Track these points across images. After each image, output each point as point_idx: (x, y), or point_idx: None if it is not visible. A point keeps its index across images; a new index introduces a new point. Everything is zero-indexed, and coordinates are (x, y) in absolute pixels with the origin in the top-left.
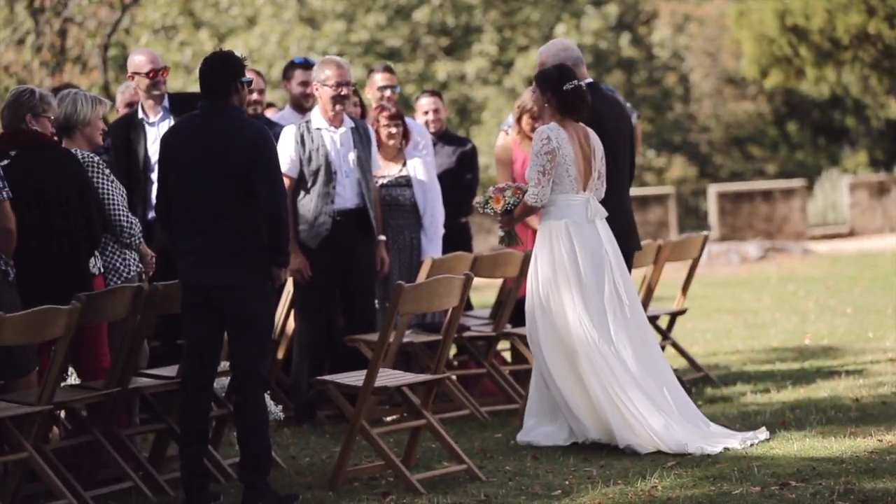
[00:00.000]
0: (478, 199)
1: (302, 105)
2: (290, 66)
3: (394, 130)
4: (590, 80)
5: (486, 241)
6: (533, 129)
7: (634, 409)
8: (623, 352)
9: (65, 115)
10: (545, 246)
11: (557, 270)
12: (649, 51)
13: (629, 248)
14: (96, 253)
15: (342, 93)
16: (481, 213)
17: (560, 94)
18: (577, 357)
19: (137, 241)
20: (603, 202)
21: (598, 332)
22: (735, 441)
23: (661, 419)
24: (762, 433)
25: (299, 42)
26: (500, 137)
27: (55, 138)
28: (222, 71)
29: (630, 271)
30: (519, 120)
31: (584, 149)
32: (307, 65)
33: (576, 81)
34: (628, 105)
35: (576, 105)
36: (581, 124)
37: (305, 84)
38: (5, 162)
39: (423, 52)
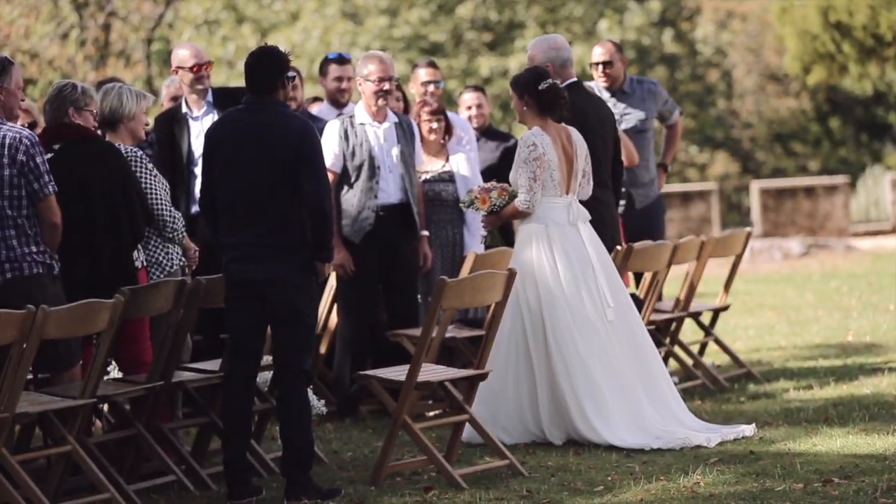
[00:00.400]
0: (463, 198)
1: (338, 100)
2: (325, 62)
3: (435, 125)
4: (574, 79)
5: None
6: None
7: (592, 407)
8: (603, 354)
9: (110, 109)
10: (525, 248)
11: (536, 273)
12: (692, 47)
13: (614, 246)
14: (139, 247)
15: (384, 87)
16: (465, 212)
17: (536, 95)
18: (552, 358)
19: (181, 236)
20: (589, 199)
21: (576, 334)
22: (717, 436)
23: (625, 423)
24: (749, 429)
25: (341, 37)
26: None
27: (98, 132)
28: (269, 65)
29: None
30: None
31: (566, 151)
32: (341, 60)
33: (550, 81)
34: (670, 101)
35: (553, 104)
36: (563, 125)
37: (340, 79)
38: (48, 156)
39: (467, 47)
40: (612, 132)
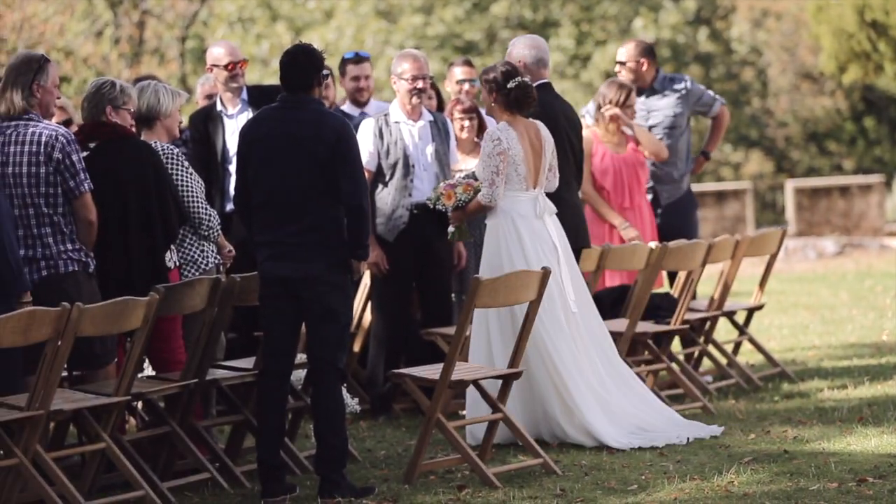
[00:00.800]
0: (429, 194)
1: (357, 100)
2: (343, 62)
3: (467, 123)
4: (546, 80)
5: None
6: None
7: (571, 403)
8: (568, 346)
9: (147, 107)
10: (493, 241)
11: (504, 266)
12: (727, 45)
13: (578, 245)
14: (172, 247)
15: (418, 86)
16: (431, 208)
17: (505, 91)
18: (528, 352)
19: (216, 234)
20: (553, 199)
21: (544, 327)
22: (685, 433)
23: (600, 414)
24: (717, 430)
25: (375, 35)
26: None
27: (134, 130)
28: (305, 63)
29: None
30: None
31: (534, 145)
32: (358, 59)
33: (519, 79)
34: (710, 92)
35: (521, 101)
36: (531, 120)
37: (357, 78)
38: (84, 153)
39: (501, 45)
40: (578, 135)
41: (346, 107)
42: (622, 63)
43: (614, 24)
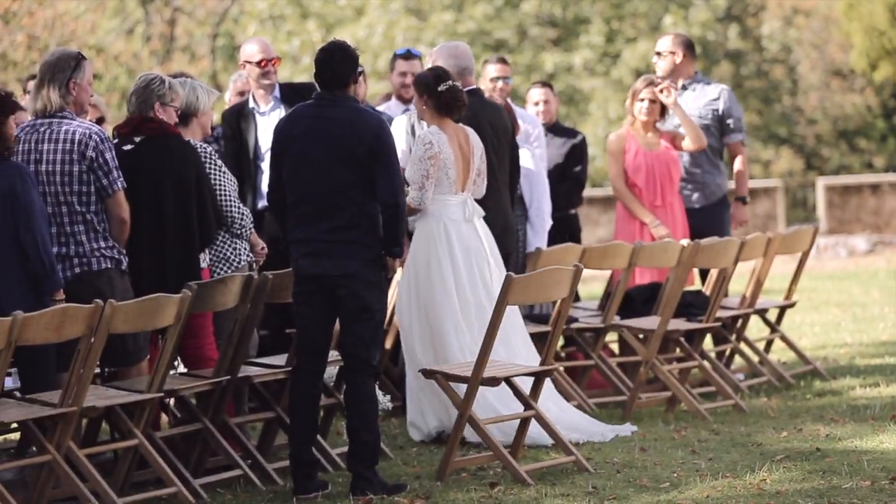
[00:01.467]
0: None
1: (402, 96)
2: (394, 58)
3: None
4: (473, 87)
5: (593, 232)
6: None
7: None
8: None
9: (186, 104)
10: (423, 244)
11: (432, 269)
12: (758, 43)
13: (506, 250)
14: None
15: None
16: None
17: (436, 95)
18: (447, 357)
19: (248, 232)
20: (481, 204)
21: (470, 333)
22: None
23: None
24: (626, 429)
25: (405, 33)
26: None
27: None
28: (343, 61)
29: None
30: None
31: (463, 150)
32: (408, 55)
33: (450, 83)
34: (734, 120)
35: (451, 105)
36: (461, 125)
37: (404, 74)
38: (129, 147)
39: (531, 43)
40: (506, 141)
41: (392, 102)
42: (659, 53)
43: (644, 22)
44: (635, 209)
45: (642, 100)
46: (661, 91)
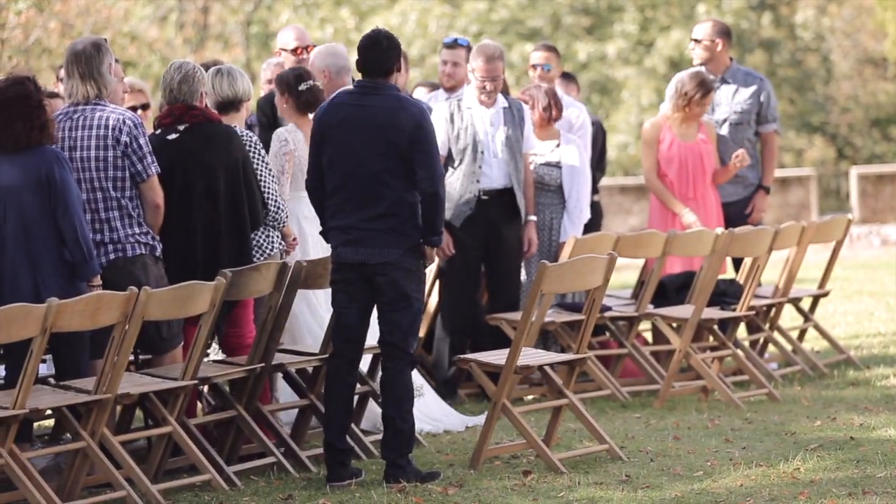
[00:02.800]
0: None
1: (443, 84)
2: (443, 46)
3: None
4: (349, 87)
5: (625, 221)
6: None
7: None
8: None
9: (234, 91)
10: None
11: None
12: (791, 31)
13: None
14: None
15: (486, 87)
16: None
17: (296, 94)
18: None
19: (283, 223)
20: None
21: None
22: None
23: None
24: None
25: (439, 20)
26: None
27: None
28: (388, 48)
29: None
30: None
31: None
32: (453, 44)
33: (311, 82)
34: (771, 110)
35: (310, 105)
36: None
37: (446, 63)
38: (173, 136)
39: (565, 32)
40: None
41: (440, 91)
42: (697, 41)
43: (678, 10)
44: (666, 199)
45: (700, 105)
46: (738, 157)
